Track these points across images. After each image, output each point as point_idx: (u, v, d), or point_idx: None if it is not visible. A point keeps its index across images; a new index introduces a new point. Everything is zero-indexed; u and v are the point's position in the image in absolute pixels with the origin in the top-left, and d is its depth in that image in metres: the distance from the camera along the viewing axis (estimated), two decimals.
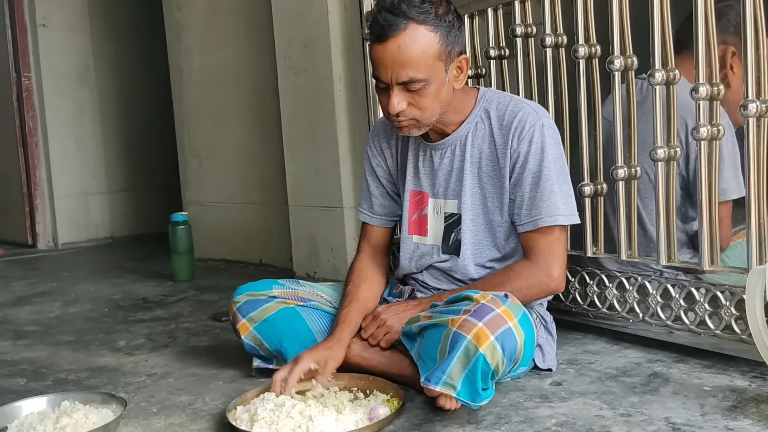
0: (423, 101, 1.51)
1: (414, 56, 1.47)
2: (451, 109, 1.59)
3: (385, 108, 1.54)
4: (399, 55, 1.46)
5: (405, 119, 1.53)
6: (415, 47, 1.46)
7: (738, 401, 1.38)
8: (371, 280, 1.73)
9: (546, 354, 1.63)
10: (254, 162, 3.45)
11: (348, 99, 2.75)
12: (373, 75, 1.54)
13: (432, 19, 1.48)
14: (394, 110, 1.51)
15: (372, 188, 1.80)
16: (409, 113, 1.52)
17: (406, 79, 1.48)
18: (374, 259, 1.79)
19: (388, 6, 1.47)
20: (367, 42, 2.47)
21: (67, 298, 2.94)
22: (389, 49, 1.47)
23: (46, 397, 1.53)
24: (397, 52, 1.46)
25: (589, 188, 1.83)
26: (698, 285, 1.61)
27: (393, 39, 1.46)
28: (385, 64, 1.48)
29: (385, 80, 1.50)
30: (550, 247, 1.57)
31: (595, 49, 1.81)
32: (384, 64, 1.48)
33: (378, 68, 1.50)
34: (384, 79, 1.50)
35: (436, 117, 1.56)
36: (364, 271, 1.75)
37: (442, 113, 1.57)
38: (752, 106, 1.46)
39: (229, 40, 3.46)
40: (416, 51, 1.46)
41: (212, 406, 1.55)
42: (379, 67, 1.50)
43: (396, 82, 1.49)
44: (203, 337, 2.17)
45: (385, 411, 1.38)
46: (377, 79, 1.52)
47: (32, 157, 4.58)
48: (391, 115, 1.53)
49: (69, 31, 4.58)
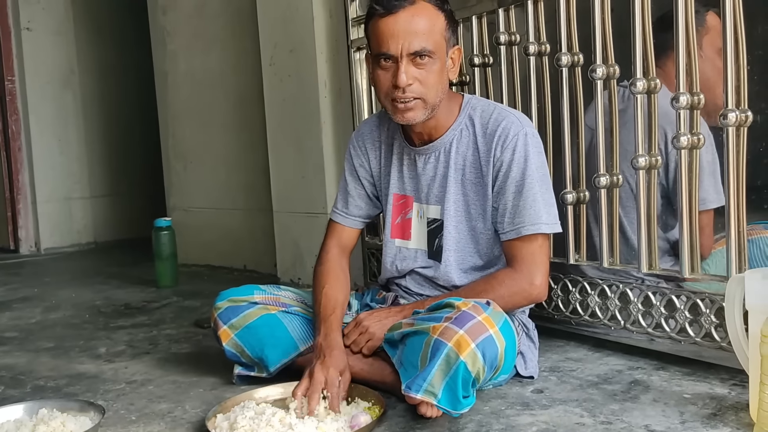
0: (429, 78, 1.52)
1: (426, 27, 1.51)
2: (438, 113, 1.59)
3: (388, 85, 1.53)
4: (411, 23, 1.50)
5: (411, 96, 1.52)
6: (427, 18, 1.51)
7: (717, 409, 1.39)
8: (344, 283, 1.71)
9: (528, 361, 1.63)
10: (239, 167, 3.44)
11: (333, 105, 2.75)
12: (377, 52, 1.53)
13: (437, 1, 1.54)
14: (403, 83, 1.50)
15: (350, 188, 1.79)
16: (416, 89, 1.52)
17: (418, 48, 1.50)
18: (342, 261, 1.77)
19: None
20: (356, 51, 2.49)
21: (49, 303, 2.92)
22: (402, 18, 1.50)
23: (24, 405, 1.51)
24: (410, 21, 1.49)
25: (572, 196, 1.84)
26: (679, 293, 1.62)
27: (405, 9, 1.50)
28: (397, 35, 1.49)
29: (394, 52, 1.50)
30: (532, 255, 1.58)
31: (578, 57, 1.82)
32: (395, 34, 1.49)
33: (387, 40, 1.50)
34: (393, 51, 1.50)
35: (438, 102, 1.56)
36: (338, 273, 1.72)
37: (439, 104, 1.57)
38: (732, 115, 1.47)
39: (215, 45, 3.45)
40: (428, 22, 1.51)
41: (192, 414, 1.54)
42: (388, 39, 1.50)
43: (407, 53, 1.50)
44: (185, 344, 2.15)
45: (366, 419, 1.37)
46: (383, 55, 1.51)
47: (15, 161, 4.54)
48: (398, 90, 1.52)
49: (53, 34, 4.55)
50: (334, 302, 1.64)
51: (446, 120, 1.63)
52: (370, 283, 2.48)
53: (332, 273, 1.71)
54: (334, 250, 1.77)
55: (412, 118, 1.56)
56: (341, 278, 1.71)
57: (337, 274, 1.71)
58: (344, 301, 1.68)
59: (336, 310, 1.62)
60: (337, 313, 1.62)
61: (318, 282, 1.70)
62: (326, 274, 1.71)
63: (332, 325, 1.57)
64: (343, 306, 1.66)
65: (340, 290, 1.68)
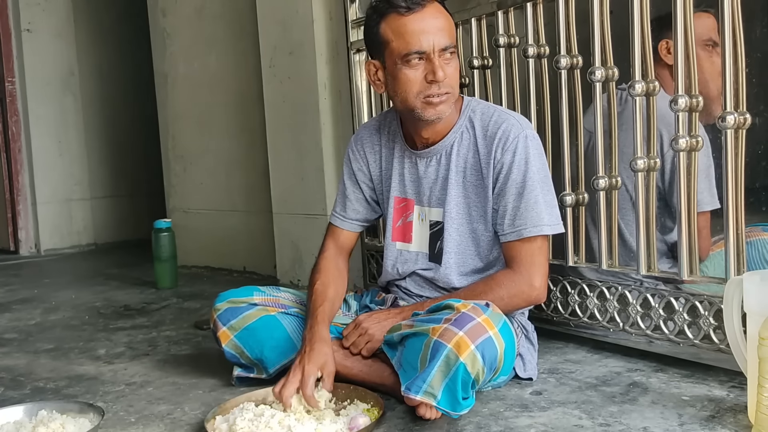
0: (455, 73, 1.56)
1: (447, 23, 1.54)
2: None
3: (421, 82, 1.53)
4: (438, 19, 1.52)
5: (446, 90, 1.54)
6: (445, 15, 1.56)
7: (716, 411, 1.39)
8: (337, 280, 1.71)
9: (527, 363, 1.63)
10: (238, 169, 3.45)
11: (333, 107, 2.75)
12: (406, 51, 1.51)
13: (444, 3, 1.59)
14: (442, 77, 1.51)
15: (348, 192, 1.80)
16: (448, 83, 1.54)
17: (448, 43, 1.52)
18: (339, 260, 1.77)
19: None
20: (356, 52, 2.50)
21: (48, 305, 2.92)
22: (429, 14, 1.52)
23: (23, 406, 1.51)
24: (437, 16, 1.52)
25: (571, 198, 1.84)
26: (677, 295, 1.63)
27: (429, 5, 1.52)
28: (428, 30, 1.50)
29: (427, 48, 1.51)
30: (532, 257, 1.58)
31: (577, 59, 1.83)
32: (426, 30, 1.51)
33: (418, 37, 1.50)
34: (426, 48, 1.51)
35: (454, 99, 1.59)
36: (331, 271, 1.72)
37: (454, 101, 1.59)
38: (730, 117, 1.48)
39: (215, 47, 3.46)
40: (447, 19, 1.55)
41: (191, 416, 1.54)
42: (419, 36, 1.50)
43: (439, 48, 1.51)
44: (184, 346, 2.15)
45: (365, 420, 1.37)
46: (414, 53, 1.51)
47: (15, 162, 4.54)
48: (434, 85, 1.52)
49: (53, 36, 4.56)
50: (322, 296, 1.63)
51: (447, 123, 1.64)
52: (369, 285, 2.48)
53: (325, 270, 1.71)
54: (331, 250, 1.78)
55: (443, 112, 1.57)
56: (334, 275, 1.71)
57: (331, 271, 1.72)
58: (335, 296, 1.67)
59: (324, 303, 1.61)
60: (325, 306, 1.60)
61: (310, 280, 1.71)
62: (319, 271, 1.72)
63: (317, 318, 1.56)
64: (333, 301, 1.65)
65: (331, 286, 1.67)
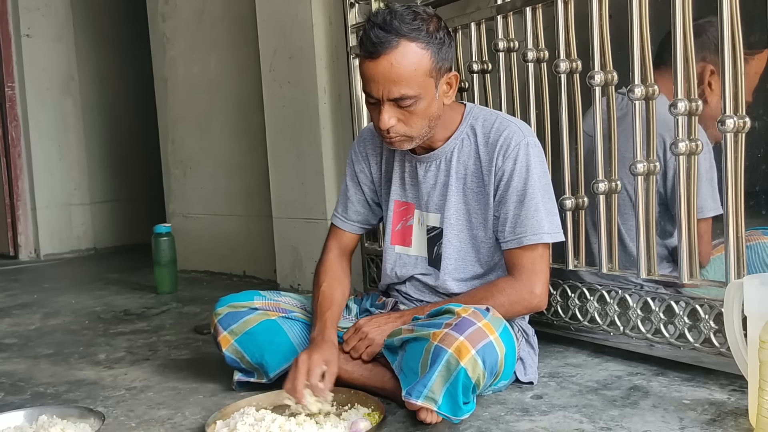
0: (413, 118, 1.52)
1: (406, 73, 1.47)
2: (439, 124, 1.60)
3: (375, 123, 1.55)
4: (391, 72, 1.46)
5: (395, 135, 1.54)
6: (407, 64, 1.47)
7: (717, 414, 1.39)
8: (343, 282, 1.72)
9: (527, 367, 1.63)
10: (238, 173, 3.45)
11: (332, 111, 2.75)
12: (364, 90, 1.54)
13: (423, 36, 1.48)
14: (384, 126, 1.51)
15: (350, 194, 1.80)
16: (399, 129, 1.53)
17: (397, 96, 1.48)
18: (342, 261, 1.78)
19: (380, 23, 1.47)
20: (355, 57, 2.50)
21: (48, 310, 2.91)
22: (381, 66, 1.47)
23: (24, 412, 1.51)
24: (389, 69, 1.46)
25: (571, 202, 1.84)
26: (678, 298, 1.63)
27: (385, 56, 1.46)
28: (377, 81, 1.48)
29: (376, 96, 1.50)
30: (533, 264, 1.58)
31: (576, 64, 1.83)
32: (375, 80, 1.49)
33: (369, 84, 1.50)
34: (375, 95, 1.50)
35: (425, 132, 1.56)
36: (337, 273, 1.73)
37: (432, 128, 1.57)
38: (730, 121, 1.48)
39: (214, 52, 3.46)
40: (408, 68, 1.47)
41: (192, 421, 1.54)
42: (370, 83, 1.50)
43: (387, 99, 1.49)
44: (184, 350, 2.15)
45: (366, 425, 1.37)
46: (368, 94, 1.52)
47: (15, 167, 4.55)
48: (382, 130, 1.54)
49: (53, 41, 4.57)
50: (330, 300, 1.64)
51: (448, 130, 1.64)
52: (369, 289, 2.48)
53: (330, 272, 1.72)
54: (334, 251, 1.78)
55: (400, 148, 1.59)
56: (340, 277, 1.72)
57: (336, 273, 1.73)
58: (341, 299, 1.68)
59: (332, 307, 1.62)
60: (333, 310, 1.62)
61: (316, 280, 1.72)
62: (324, 273, 1.72)
63: (327, 322, 1.57)
64: (339, 304, 1.66)
65: (338, 288, 1.68)
